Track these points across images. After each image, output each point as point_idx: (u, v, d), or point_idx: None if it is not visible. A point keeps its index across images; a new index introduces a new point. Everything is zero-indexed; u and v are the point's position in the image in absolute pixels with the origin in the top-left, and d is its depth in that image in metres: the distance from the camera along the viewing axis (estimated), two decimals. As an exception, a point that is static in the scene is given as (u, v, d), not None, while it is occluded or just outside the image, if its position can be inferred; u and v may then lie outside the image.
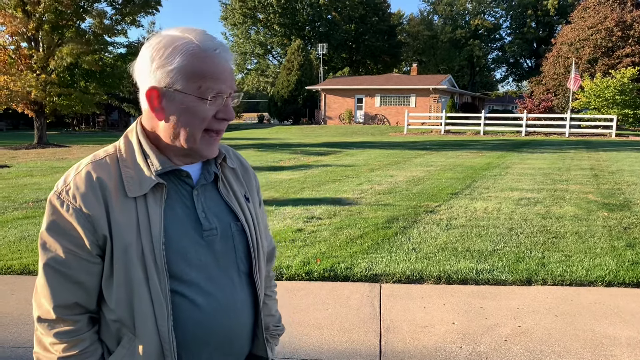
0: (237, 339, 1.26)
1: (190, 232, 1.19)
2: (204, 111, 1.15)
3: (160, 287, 1.13)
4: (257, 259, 1.30)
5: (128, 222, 1.14)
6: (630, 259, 5.01)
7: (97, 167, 1.17)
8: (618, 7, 42.41)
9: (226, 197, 1.27)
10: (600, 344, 3.31)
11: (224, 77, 1.15)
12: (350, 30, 62.48)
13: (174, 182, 1.21)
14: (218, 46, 1.16)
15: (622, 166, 13.30)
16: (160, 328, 1.14)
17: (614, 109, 31.42)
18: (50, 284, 1.16)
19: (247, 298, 1.28)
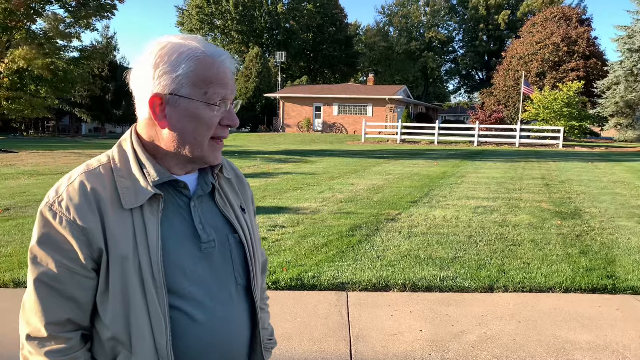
0: (236, 353, 1.23)
1: (187, 244, 1.16)
2: (210, 117, 1.13)
3: (159, 302, 1.09)
4: (255, 271, 1.27)
5: (124, 235, 1.10)
6: (585, 266, 5.21)
7: (90, 177, 1.13)
8: (564, 24, 44.41)
9: (223, 208, 1.25)
10: (562, 349, 3.42)
11: (226, 83, 1.15)
12: (308, 39, 62.84)
13: (171, 193, 1.18)
14: (222, 53, 1.16)
15: (571, 176, 13.86)
16: (158, 345, 1.10)
17: (561, 121, 32.77)
18: (41, 300, 1.10)
19: (245, 311, 1.25)
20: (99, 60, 27.13)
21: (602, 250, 5.86)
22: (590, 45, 42.60)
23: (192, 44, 1.13)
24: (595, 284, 4.67)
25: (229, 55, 1.17)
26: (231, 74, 1.17)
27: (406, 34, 72.20)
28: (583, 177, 13.65)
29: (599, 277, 4.83)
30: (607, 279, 4.79)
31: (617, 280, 4.77)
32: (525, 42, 45.15)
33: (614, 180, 12.89)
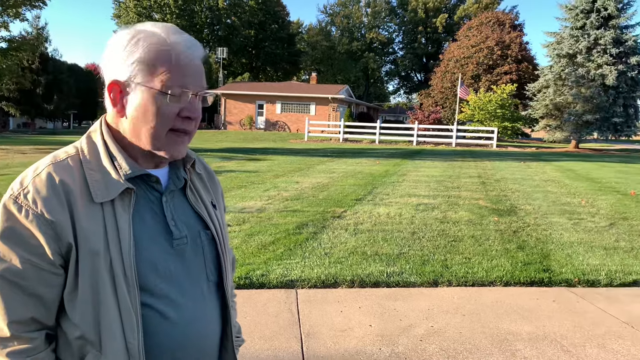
0: (208, 351, 1.20)
1: (160, 240, 1.11)
2: (166, 108, 1.08)
3: (130, 300, 1.05)
4: (226, 268, 1.25)
5: (95, 229, 1.04)
6: (523, 260, 5.45)
7: (59, 169, 1.06)
8: (498, 28, 46.31)
9: (195, 204, 1.21)
10: (505, 340, 3.56)
11: (189, 73, 1.09)
12: (250, 36, 62.29)
13: (142, 187, 1.13)
14: (186, 41, 1.10)
15: (505, 175, 14.46)
16: (130, 344, 1.05)
17: (495, 122, 34.15)
18: (4, 298, 1.03)
19: (216, 309, 1.22)
20: (29, 52, 25.67)
21: (538, 245, 6.15)
22: (522, 50, 44.65)
23: (154, 31, 1.09)
24: (532, 277, 4.90)
25: (195, 44, 1.13)
26: (197, 63, 1.11)
27: (348, 34, 73.01)
28: (517, 175, 14.28)
29: (536, 271, 5.06)
30: (543, 273, 5.03)
31: (553, 274, 5.03)
32: (461, 46, 46.72)
33: (545, 179, 13.57)
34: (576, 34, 32.34)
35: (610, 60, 31.09)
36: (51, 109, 45.12)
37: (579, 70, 31.71)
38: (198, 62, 1.11)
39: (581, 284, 4.85)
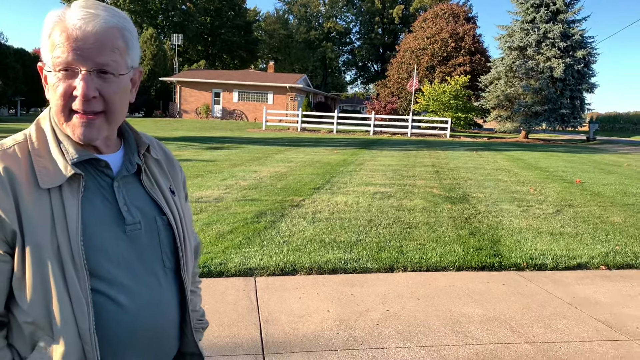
0: (164, 337, 1.20)
1: (111, 226, 1.11)
2: (57, 86, 1.06)
3: (80, 286, 1.04)
4: (185, 255, 1.24)
5: (41, 216, 1.04)
6: (474, 246, 5.64)
7: (4, 157, 1.06)
8: (452, 21, 47.14)
9: (150, 189, 1.21)
10: (458, 322, 3.70)
11: (75, 47, 1.03)
12: (205, 23, 61.19)
13: (92, 172, 1.12)
14: (82, 13, 1.05)
15: (458, 164, 14.84)
16: (81, 330, 1.05)
17: (449, 112, 34.89)
18: None
19: (174, 295, 1.22)
20: (-29, 34, 24.46)
21: (489, 231, 6.37)
22: (475, 42, 45.64)
23: (64, 8, 1.08)
24: (484, 262, 5.09)
25: (94, 16, 1.05)
26: (91, 38, 1.04)
27: (305, 23, 72.74)
28: (469, 164, 14.68)
29: (487, 256, 5.26)
30: (494, 258, 5.23)
31: (503, 259, 5.23)
32: (417, 37, 47.34)
33: (496, 168, 14.00)
34: (526, 27, 33.32)
35: (558, 54, 32.21)
36: (-8, 95, 43.13)
37: (529, 62, 32.73)
38: (92, 36, 1.04)
39: (529, 268, 5.07)
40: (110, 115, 1.09)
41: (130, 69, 1.12)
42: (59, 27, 1.04)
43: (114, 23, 1.07)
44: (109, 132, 1.13)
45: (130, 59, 1.12)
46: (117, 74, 1.08)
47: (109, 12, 1.08)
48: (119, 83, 1.09)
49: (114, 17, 1.08)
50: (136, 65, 1.16)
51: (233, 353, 3.11)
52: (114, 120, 1.11)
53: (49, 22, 1.06)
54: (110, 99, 1.07)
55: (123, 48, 1.09)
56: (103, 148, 1.15)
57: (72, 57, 1.03)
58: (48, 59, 1.06)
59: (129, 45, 1.10)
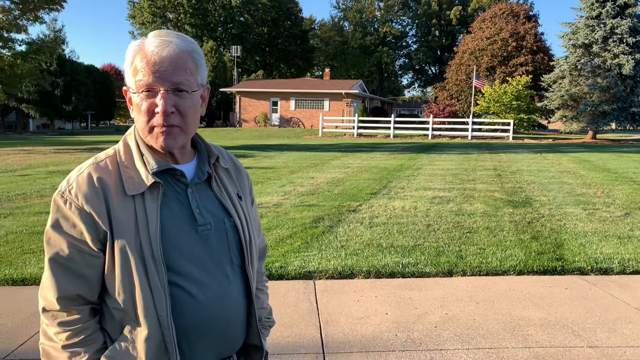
0: (232, 328, 1.34)
1: (185, 227, 1.26)
2: (141, 105, 1.23)
3: (159, 279, 1.20)
4: (250, 252, 1.38)
5: (127, 219, 1.21)
6: (536, 250, 5.53)
7: (98, 169, 1.25)
8: (512, 20, 45.85)
9: (219, 195, 1.35)
10: (518, 326, 3.67)
11: (154, 71, 1.19)
12: (263, 34, 62.51)
13: (170, 181, 1.28)
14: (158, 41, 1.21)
15: (521, 167, 14.45)
16: (161, 317, 1.21)
17: (511, 114, 33.92)
18: (55, 277, 1.22)
19: (240, 290, 1.36)
20: (48, 54, 26.16)
21: (552, 235, 6.22)
22: (537, 41, 44.17)
23: (142, 39, 1.25)
24: (546, 266, 4.99)
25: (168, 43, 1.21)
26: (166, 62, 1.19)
27: (361, 29, 72.83)
28: (532, 167, 14.26)
29: (549, 260, 5.15)
30: (556, 262, 5.12)
31: (566, 263, 5.11)
32: (476, 38, 46.35)
33: (561, 170, 13.54)
34: (592, 24, 31.94)
35: (626, 50, 30.66)
36: (69, 110, 45.87)
37: (594, 60, 31.34)
38: (167, 60, 1.20)
39: (594, 272, 4.93)
40: (185, 127, 1.25)
41: (200, 86, 1.28)
42: (140, 55, 1.22)
43: (184, 47, 1.23)
44: (185, 142, 1.29)
45: (200, 78, 1.28)
46: (190, 91, 1.24)
47: (180, 38, 1.25)
48: (192, 99, 1.25)
49: (184, 42, 1.25)
50: (204, 83, 1.32)
51: (295, 352, 3.24)
52: (189, 131, 1.27)
53: (131, 52, 1.24)
54: (185, 113, 1.24)
55: (193, 68, 1.25)
56: (180, 158, 1.31)
57: (152, 79, 1.19)
58: (132, 82, 1.24)
59: (198, 65, 1.27)
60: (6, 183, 10.51)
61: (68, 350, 1.22)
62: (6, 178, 11.40)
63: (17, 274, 4.61)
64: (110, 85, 57.33)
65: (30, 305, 4.00)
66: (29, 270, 4.73)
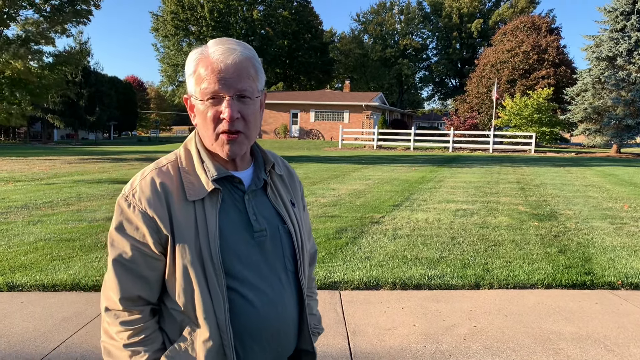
0: (285, 332, 1.35)
1: (242, 233, 1.29)
2: (206, 113, 1.24)
3: (217, 283, 1.23)
4: (302, 259, 1.40)
5: (187, 223, 1.24)
6: (564, 264, 5.45)
7: (160, 174, 1.28)
8: (534, 33, 45.57)
9: (274, 202, 1.37)
10: (548, 339, 3.62)
11: (216, 78, 1.21)
12: (283, 46, 63.05)
13: (228, 187, 1.31)
14: (221, 49, 1.23)
15: (545, 180, 14.28)
16: (219, 320, 1.23)
17: (533, 127, 33.59)
18: (118, 278, 1.25)
19: (293, 295, 1.38)
20: (73, 66, 26.76)
21: (579, 249, 6.13)
22: (559, 54, 43.81)
23: (203, 47, 1.27)
24: (574, 280, 4.91)
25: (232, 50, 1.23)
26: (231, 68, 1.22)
27: (381, 42, 73.05)
28: (556, 181, 14.08)
29: (577, 274, 5.07)
30: (585, 276, 5.03)
31: (595, 277, 5.02)
32: (497, 50, 46.16)
33: (585, 184, 13.34)
34: (616, 37, 31.59)
35: (652, 62, 30.23)
36: (93, 120, 46.74)
37: (619, 73, 30.94)
38: (232, 67, 1.22)
39: (624, 286, 4.84)
40: (248, 133, 1.28)
41: (260, 92, 1.31)
42: (203, 63, 1.23)
43: (246, 55, 1.26)
44: (248, 147, 1.32)
45: (260, 84, 1.30)
46: (253, 97, 1.26)
47: (242, 46, 1.27)
48: (255, 105, 1.28)
49: (246, 49, 1.27)
50: (263, 89, 1.34)
51: (323, 361, 3.24)
52: (252, 137, 1.30)
53: (193, 60, 1.26)
54: (248, 119, 1.26)
55: (254, 75, 1.27)
56: (239, 165, 1.34)
57: (218, 86, 1.21)
58: (195, 90, 1.25)
59: (258, 72, 1.29)
60: (33, 191, 10.73)
61: (129, 349, 1.25)
62: (33, 186, 11.64)
63: (48, 280, 4.70)
64: (132, 96, 58.32)
65: (61, 311, 4.06)
66: (59, 276, 4.81)
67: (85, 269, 5.07)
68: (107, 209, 8.50)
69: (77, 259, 5.45)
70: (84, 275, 4.83)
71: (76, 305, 4.18)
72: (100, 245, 6.01)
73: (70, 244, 6.06)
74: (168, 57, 62.36)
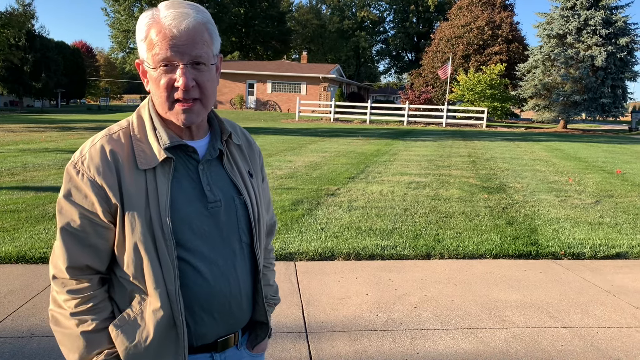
0: (237, 304, 1.34)
1: (195, 203, 1.26)
2: (159, 80, 1.19)
3: (168, 253, 1.20)
4: (258, 231, 1.38)
5: (138, 193, 1.20)
6: (511, 235, 5.66)
7: (111, 141, 1.23)
8: (488, 8, 46.19)
9: (230, 172, 1.34)
10: (495, 307, 3.77)
11: (172, 45, 1.16)
12: (239, 14, 61.60)
13: (181, 157, 1.27)
14: (173, 13, 1.17)
15: (495, 154, 14.69)
16: (169, 291, 1.21)
17: (485, 102, 34.34)
18: (65, 246, 1.21)
19: (247, 267, 1.36)
20: (16, 28, 25.31)
21: (526, 221, 6.37)
22: (513, 30, 44.67)
23: (154, 10, 1.20)
24: (521, 250, 5.11)
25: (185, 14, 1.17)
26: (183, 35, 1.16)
27: (339, 13, 72.47)
28: (506, 155, 14.52)
29: (524, 245, 5.28)
30: (531, 246, 5.25)
31: (540, 247, 5.24)
32: (452, 25, 46.61)
33: (533, 158, 13.81)
34: (566, 15, 32.44)
35: (599, 41, 31.28)
36: (39, 87, 44.67)
37: (568, 51, 31.88)
38: (185, 33, 1.16)
39: (567, 256, 5.08)
40: (205, 100, 1.24)
41: (216, 57, 1.26)
42: (155, 28, 1.18)
43: (200, 19, 1.20)
44: (205, 115, 1.28)
45: (215, 49, 1.25)
46: (208, 63, 1.22)
47: (195, 9, 1.21)
48: (210, 71, 1.23)
49: (199, 13, 1.21)
50: (218, 53, 1.29)
51: (278, 330, 3.26)
52: (208, 105, 1.26)
53: (144, 24, 1.20)
54: (204, 86, 1.22)
55: (209, 40, 1.22)
56: (195, 133, 1.30)
57: (170, 53, 1.16)
58: (147, 57, 1.20)
59: (212, 37, 1.24)
60: (-25, 160, 10.22)
61: (76, 317, 1.22)
62: (-26, 155, 11.07)
63: (-9, 253, 4.52)
64: (81, 63, 55.93)
65: (6, 284, 3.93)
66: (4, 248, 4.63)
67: (31, 240, 4.90)
68: (54, 179, 8.20)
69: (23, 230, 5.25)
70: (31, 248, 4.67)
71: (23, 278, 4.05)
72: (47, 217, 5.81)
73: (16, 215, 5.83)
74: (118, 22, 59.79)
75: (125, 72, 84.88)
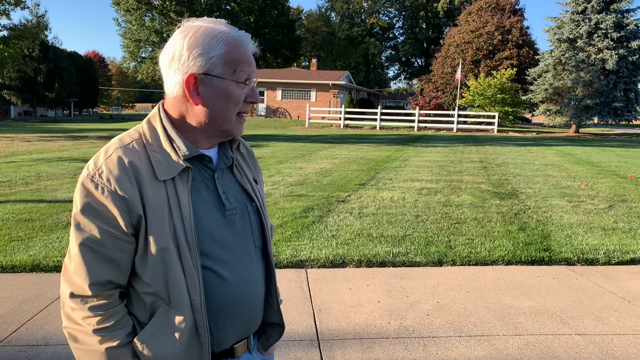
0: (255, 308, 1.37)
1: (214, 212, 1.28)
2: (238, 94, 1.26)
3: (192, 263, 1.22)
4: (269, 235, 1.43)
5: (160, 203, 1.21)
6: (524, 241, 5.62)
7: (127, 152, 1.23)
8: (498, 13, 46.08)
9: (240, 180, 1.38)
10: (508, 314, 3.74)
11: (252, 63, 1.28)
12: (249, 22, 61.92)
13: (198, 166, 1.29)
14: (246, 36, 1.29)
15: (507, 159, 14.61)
16: (193, 301, 1.22)
17: (496, 107, 34.18)
18: (86, 263, 1.20)
19: (262, 271, 1.40)
20: (30, 40, 25.64)
21: (538, 226, 6.32)
22: (523, 35, 44.49)
23: (222, 29, 1.26)
24: (533, 256, 5.08)
25: (250, 38, 1.30)
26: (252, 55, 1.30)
27: (348, 20, 72.63)
28: (518, 160, 14.43)
29: (536, 251, 5.24)
30: (543, 252, 5.21)
31: (553, 253, 5.20)
32: (462, 31, 46.53)
33: (545, 163, 13.71)
34: (577, 19, 32.24)
35: (611, 45, 31.03)
36: (52, 97, 45.14)
37: (579, 54, 31.68)
38: (252, 53, 1.30)
39: (580, 262, 5.03)
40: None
41: None
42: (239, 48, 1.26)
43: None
44: None
45: None
46: None
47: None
48: None
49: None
50: None
51: (289, 338, 3.27)
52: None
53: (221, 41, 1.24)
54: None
55: None
56: (210, 143, 1.35)
57: (251, 70, 1.28)
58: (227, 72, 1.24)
59: None
60: (-10, 170, 10.35)
61: (99, 334, 1.21)
62: (-11, 165, 11.22)
63: (7, 262, 4.57)
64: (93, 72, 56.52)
65: (21, 292, 3.97)
66: (18, 257, 4.69)
67: (45, 249, 4.95)
68: (67, 188, 8.29)
69: (37, 239, 5.31)
70: (45, 256, 4.72)
71: (37, 287, 4.09)
72: (61, 226, 5.87)
73: (30, 224, 5.90)
74: (130, 32, 60.40)
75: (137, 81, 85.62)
